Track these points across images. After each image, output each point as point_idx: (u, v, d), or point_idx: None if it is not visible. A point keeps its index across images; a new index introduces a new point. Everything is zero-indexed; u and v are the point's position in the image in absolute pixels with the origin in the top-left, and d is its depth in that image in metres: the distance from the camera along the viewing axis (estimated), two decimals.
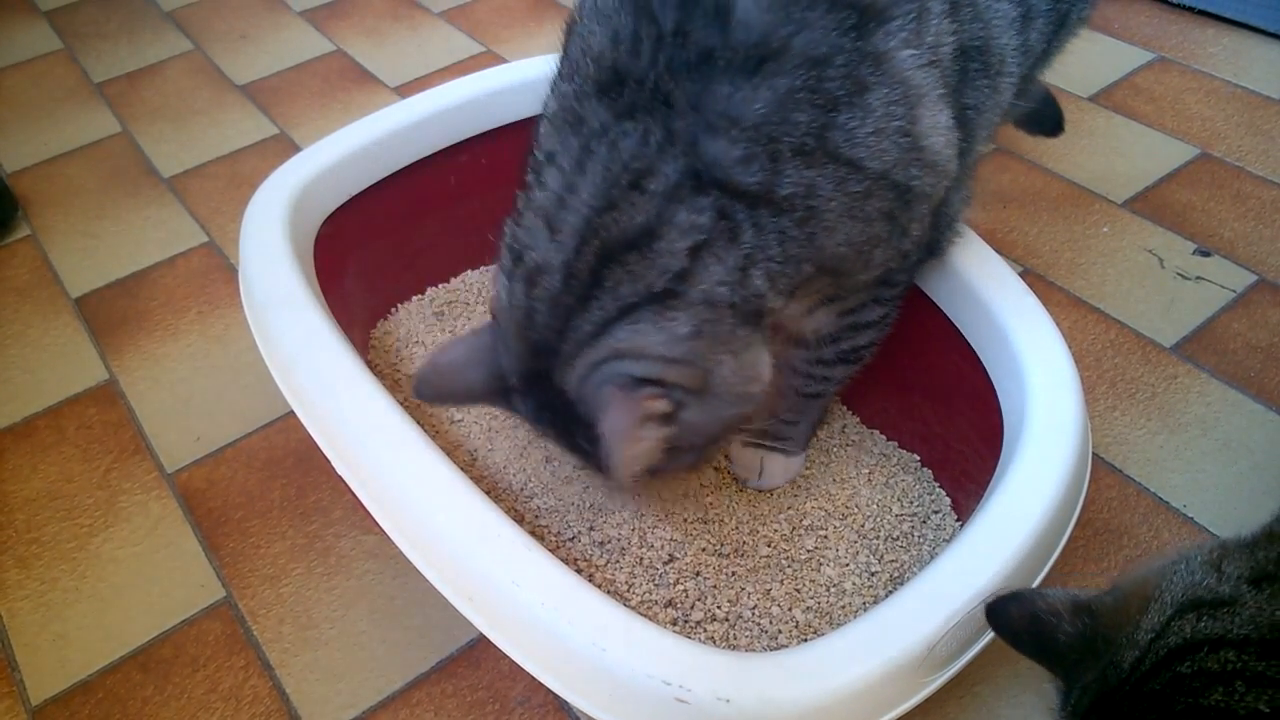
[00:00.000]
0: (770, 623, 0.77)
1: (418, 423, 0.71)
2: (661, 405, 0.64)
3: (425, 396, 0.75)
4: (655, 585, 0.78)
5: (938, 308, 0.85)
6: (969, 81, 0.72)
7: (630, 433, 0.63)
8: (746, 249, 0.63)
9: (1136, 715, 0.48)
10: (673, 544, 0.81)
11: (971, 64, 0.72)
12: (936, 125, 0.68)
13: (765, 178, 0.62)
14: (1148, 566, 0.55)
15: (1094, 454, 0.95)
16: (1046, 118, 1.23)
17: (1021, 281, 0.80)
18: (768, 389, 0.71)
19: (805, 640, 0.74)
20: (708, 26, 0.61)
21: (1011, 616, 0.55)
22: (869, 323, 0.79)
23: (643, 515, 0.82)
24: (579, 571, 0.72)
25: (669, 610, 0.77)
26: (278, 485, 0.99)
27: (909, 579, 0.72)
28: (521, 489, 0.85)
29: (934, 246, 0.78)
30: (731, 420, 0.70)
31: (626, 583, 0.78)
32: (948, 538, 0.84)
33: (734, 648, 0.75)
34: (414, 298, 1.09)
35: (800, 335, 0.81)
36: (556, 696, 0.81)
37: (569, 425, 0.68)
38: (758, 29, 0.61)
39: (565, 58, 0.69)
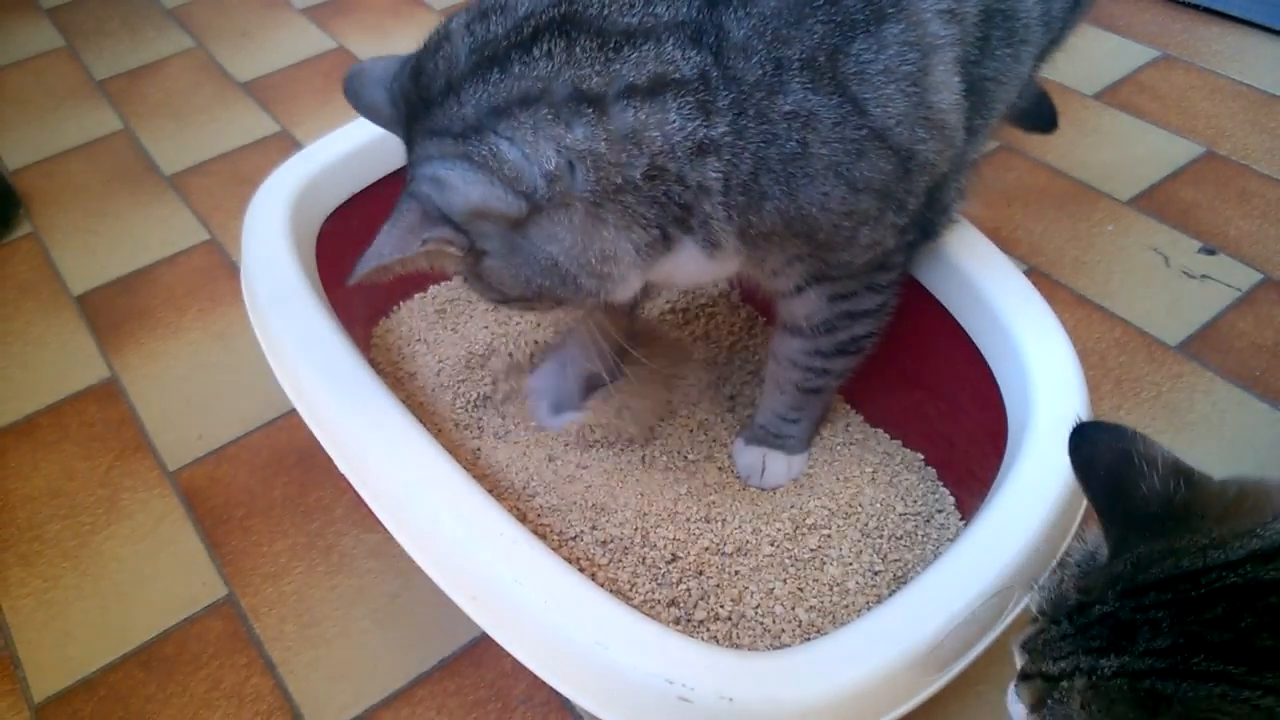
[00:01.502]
0: (773, 622, 0.76)
1: (420, 421, 0.71)
2: (449, 249, 0.61)
3: (348, 96, 0.70)
4: (658, 584, 0.78)
5: (942, 306, 0.84)
6: (990, 49, 0.69)
7: (395, 261, 0.60)
8: (714, 132, 0.60)
9: (1217, 615, 0.41)
10: (675, 543, 0.81)
11: (995, 30, 0.69)
12: (948, 84, 0.65)
13: (763, 79, 0.59)
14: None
15: None
16: (1041, 114, 1.23)
17: (1026, 279, 0.80)
18: (609, 297, 0.66)
19: (808, 639, 0.74)
20: None
21: (1097, 445, 0.49)
22: (866, 311, 0.78)
23: (645, 514, 0.82)
24: (581, 571, 0.72)
25: (672, 609, 0.77)
26: (279, 483, 0.99)
27: (912, 578, 0.72)
28: (524, 488, 0.85)
29: (929, 229, 0.77)
30: (542, 290, 0.65)
31: (629, 582, 0.78)
32: (951, 537, 0.84)
33: (737, 647, 0.75)
34: (415, 295, 1.08)
35: (794, 322, 0.80)
36: (559, 695, 0.81)
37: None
38: None
39: None
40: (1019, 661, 0.48)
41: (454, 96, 0.61)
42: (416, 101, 0.64)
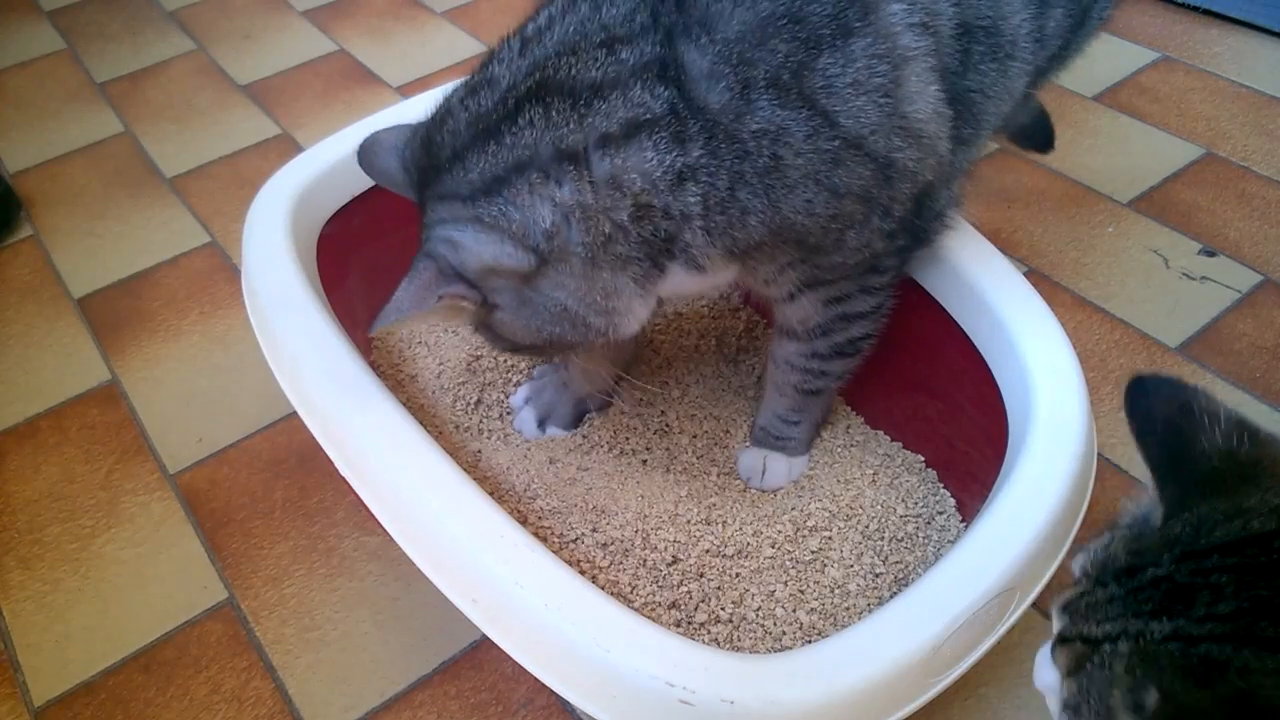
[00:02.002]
0: (774, 624, 0.76)
1: (421, 424, 0.71)
2: (464, 305, 0.65)
3: (361, 164, 0.75)
4: (659, 587, 0.78)
5: (942, 308, 0.84)
6: (972, 63, 0.70)
7: (410, 310, 0.63)
8: (689, 158, 0.61)
9: None
10: (676, 545, 0.81)
11: (976, 45, 0.70)
12: (923, 94, 0.66)
13: (731, 102, 0.61)
14: None
15: (1099, 454, 0.95)
16: (1038, 133, 1.23)
17: (1026, 281, 0.80)
18: (618, 335, 0.69)
19: (809, 642, 0.74)
20: None
21: (1155, 398, 0.47)
22: (861, 313, 0.78)
23: (646, 517, 0.82)
24: (582, 573, 0.72)
25: (672, 612, 0.77)
26: (280, 486, 0.99)
27: (913, 580, 0.72)
28: (524, 490, 0.85)
29: (922, 235, 0.77)
30: (554, 336, 0.68)
31: (630, 584, 0.78)
32: (952, 539, 0.84)
33: (738, 649, 0.75)
34: None
35: (790, 326, 0.80)
36: (560, 698, 0.81)
37: None
38: None
39: None
40: (1057, 624, 0.44)
41: (460, 164, 0.64)
42: (427, 168, 0.67)
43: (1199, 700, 0.36)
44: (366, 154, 0.74)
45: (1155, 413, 0.46)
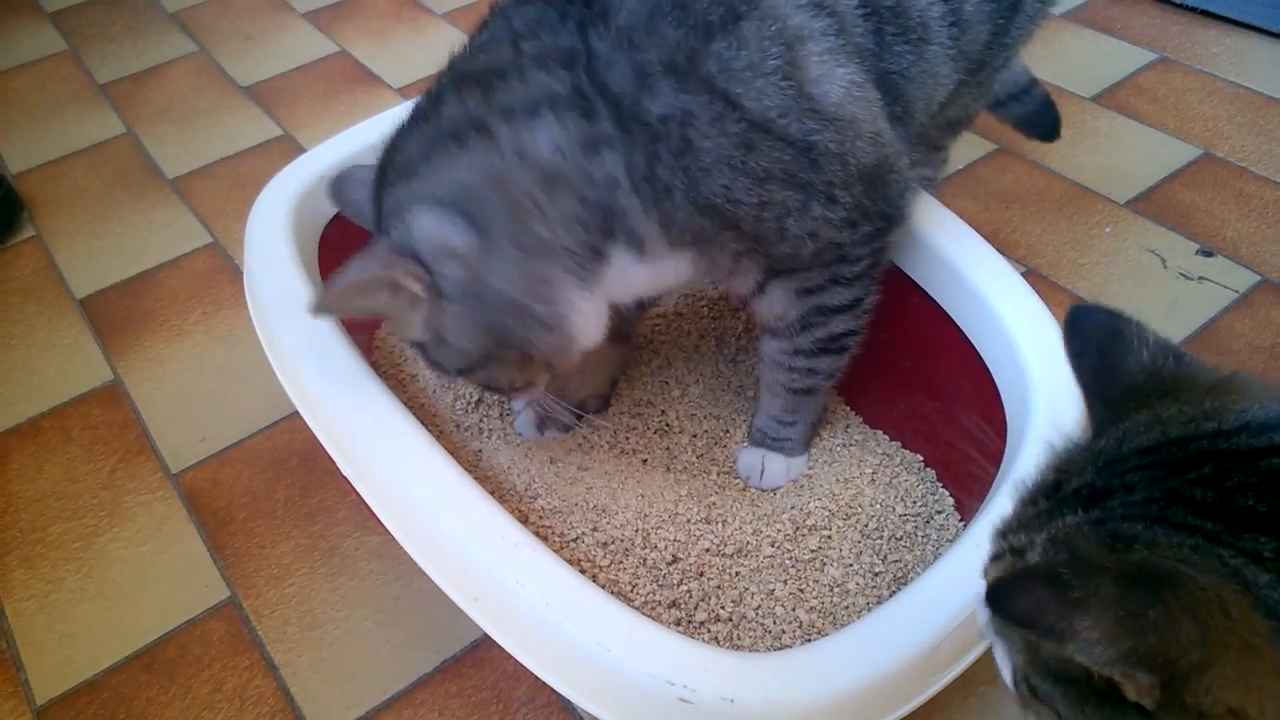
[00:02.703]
0: (774, 623, 0.77)
1: (422, 423, 0.71)
2: (415, 286, 0.66)
3: (331, 196, 0.78)
4: (659, 586, 0.78)
5: (940, 308, 0.85)
6: (887, 45, 0.72)
7: (362, 286, 0.66)
8: (598, 129, 0.64)
9: (1202, 475, 0.39)
10: (676, 545, 0.81)
11: (886, 26, 0.71)
12: (830, 75, 0.67)
13: (628, 86, 0.64)
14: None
15: None
16: (1044, 121, 1.23)
17: (1024, 282, 0.80)
18: (571, 335, 0.71)
19: (809, 640, 0.75)
20: None
21: (1089, 326, 0.49)
22: (838, 307, 0.79)
23: (646, 516, 0.83)
24: (583, 572, 0.72)
25: (673, 611, 0.77)
26: (282, 486, 0.99)
27: (913, 579, 0.73)
28: (525, 490, 0.85)
29: (891, 217, 0.76)
30: (503, 333, 0.70)
31: (630, 583, 0.78)
32: (951, 538, 0.84)
33: (738, 648, 0.75)
34: None
35: (767, 323, 0.81)
36: (560, 697, 0.81)
37: None
38: None
39: None
40: (989, 549, 0.45)
41: (400, 154, 0.69)
42: (379, 183, 0.71)
43: (1104, 560, 0.37)
44: (338, 186, 0.77)
45: (1090, 338, 0.48)
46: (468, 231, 0.66)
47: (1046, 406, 0.71)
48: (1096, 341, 0.48)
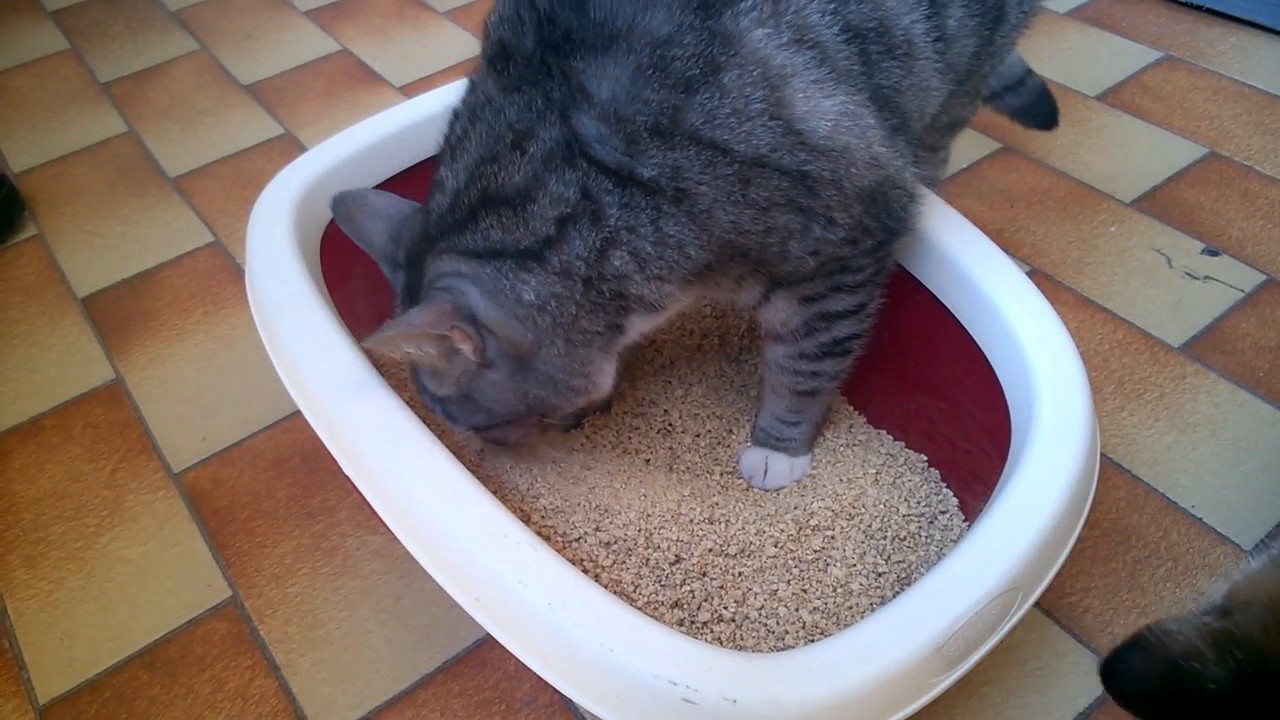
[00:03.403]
0: (777, 623, 0.76)
1: (424, 423, 0.71)
2: (466, 346, 0.69)
3: (335, 211, 0.79)
4: (661, 586, 0.78)
5: (945, 307, 0.84)
6: (875, 64, 0.71)
7: (419, 335, 0.68)
8: (609, 229, 0.66)
9: None
10: (679, 544, 0.81)
11: (871, 46, 0.71)
12: (817, 110, 0.67)
13: (623, 158, 0.65)
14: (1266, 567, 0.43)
15: (1102, 454, 0.95)
16: (1041, 111, 1.23)
17: (1029, 281, 0.80)
18: (595, 395, 0.75)
19: (812, 641, 0.74)
20: (569, 7, 0.65)
21: (1138, 673, 0.44)
22: (842, 312, 0.79)
23: (649, 516, 0.82)
24: (585, 572, 0.72)
25: (675, 611, 0.77)
26: (284, 485, 0.99)
27: (916, 580, 0.72)
28: (528, 489, 0.85)
29: (893, 229, 0.77)
30: (538, 401, 0.73)
31: (633, 583, 0.78)
32: (955, 538, 0.84)
33: (741, 648, 0.75)
34: None
35: (772, 329, 0.81)
36: (563, 697, 0.81)
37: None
38: (607, 7, 0.64)
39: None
40: None
41: (464, 251, 0.70)
42: (423, 236, 0.72)
43: None
44: (349, 210, 0.78)
45: (1148, 685, 0.44)
46: (526, 333, 0.69)
47: (1051, 406, 0.71)
48: (1156, 690, 0.44)
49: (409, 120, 0.98)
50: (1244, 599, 0.42)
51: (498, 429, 0.77)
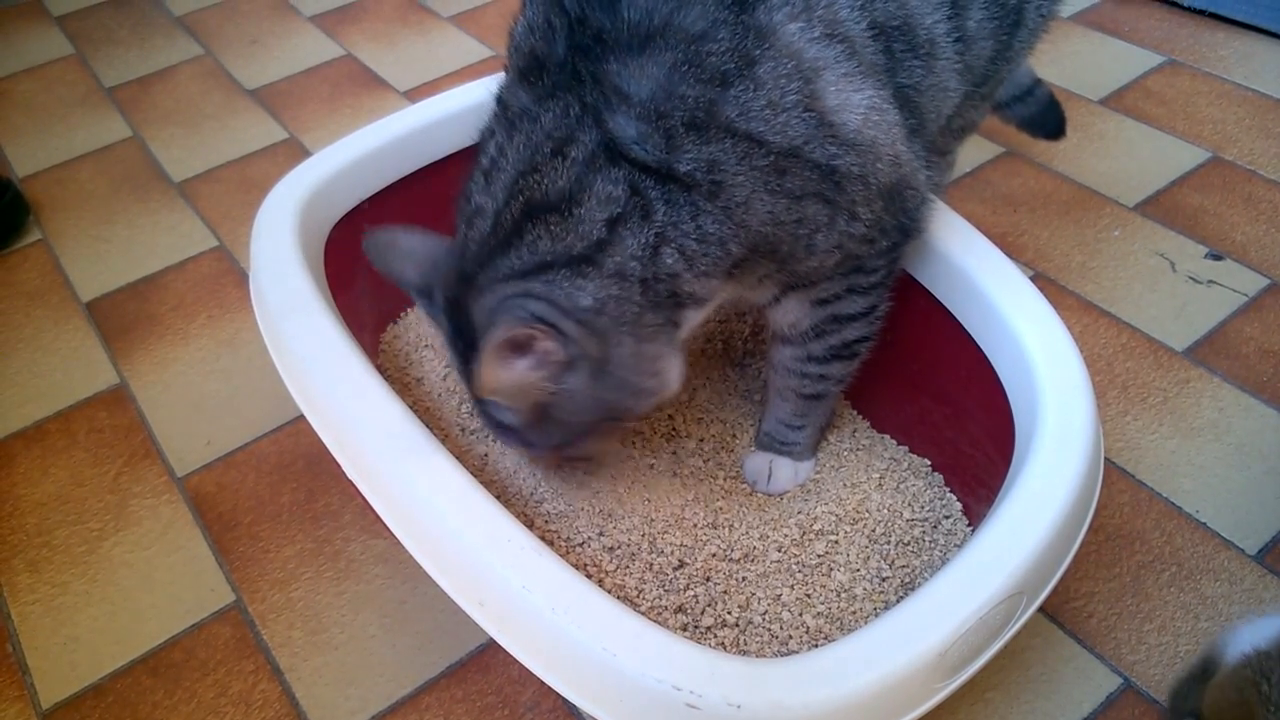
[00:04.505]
0: (781, 628, 0.76)
1: (427, 426, 0.71)
2: (549, 345, 0.67)
3: (368, 252, 0.78)
4: (665, 591, 0.78)
5: (948, 311, 0.84)
6: (899, 61, 0.72)
7: (505, 353, 0.66)
8: (658, 226, 0.66)
9: None
10: (683, 549, 0.81)
11: (895, 43, 0.72)
12: (848, 104, 0.68)
13: (662, 154, 0.65)
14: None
15: (1106, 459, 0.95)
16: (1048, 121, 1.23)
17: (1032, 285, 0.80)
18: (667, 392, 0.74)
19: (816, 646, 0.74)
20: (601, 8, 0.65)
21: None
22: (852, 315, 0.79)
23: (652, 521, 0.82)
24: (589, 577, 0.72)
25: (679, 616, 0.77)
26: (288, 489, 0.99)
27: (920, 584, 0.72)
28: (531, 494, 0.85)
29: (908, 230, 0.78)
30: (615, 405, 0.73)
31: (636, 588, 0.78)
32: (959, 543, 0.84)
33: (744, 653, 0.75)
34: None
35: (782, 330, 0.82)
36: (566, 702, 0.81)
37: (470, 351, 0.71)
38: (641, 7, 0.64)
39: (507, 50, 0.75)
40: None
41: (495, 265, 0.69)
42: (460, 276, 0.71)
43: None
44: (381, 253, 0.77)
45: None
46: (590, 338, 0.68)
47: (1055, 410, 0.71)
48: None
49: (413, 125, 0.98)
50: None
51: (577, 444, 0.77)
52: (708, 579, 0.79)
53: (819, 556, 0.82)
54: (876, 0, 0.70)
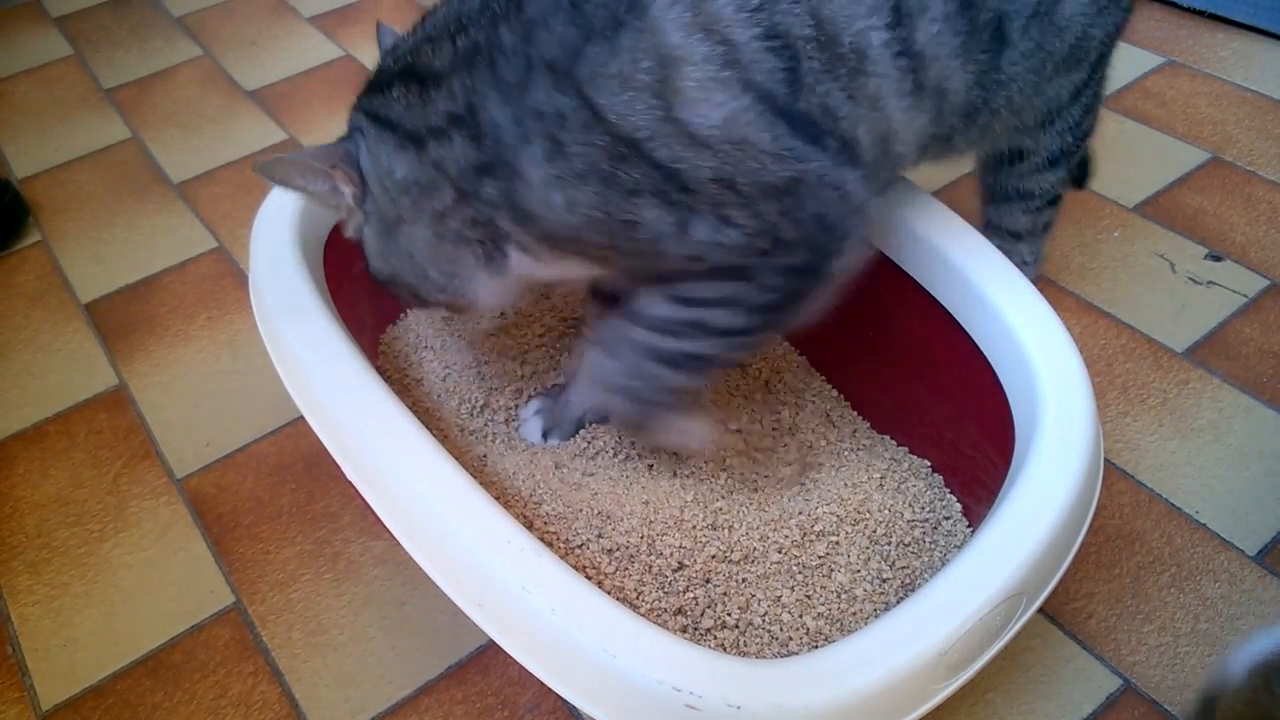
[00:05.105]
0: (781, 629, 0.76)
1: (427, 428, 0.71)
2: (348, 190, 0.74)
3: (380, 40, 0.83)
4: (664, 592, 0.78)
5: (948, 313, 0.84)
6: (805, 76, 0.64)
7: (307, 167, 0.73)
8: (488, 155, 0.67)
9: None
10: (682, 551, 0.81)
11: (806, 58, 0.64)
12: (710, 100, 0.62)
13: (519, 77, 0.65)
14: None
15: (1106, 460, 0.95)
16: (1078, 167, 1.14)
17: (1032, 286, 0.80)
18: (468, 305, 0.78)
19: (816, 647, 0.74)
20: None
21: None
22: (722, 329, 0.72)
23: (651, 522, 0.82)
24: (588, 579, 0.72)
25: (679, 618, 0.77)
26: (287, 491, 0.99)
27: (921, 585, 0.72)
28: (530, 495, 0.85)
29: (823, 249, 0.69)
30: (403, 276, 0.77)
31: (635, 590, 0.78)
32: (959, 544, 0.84)
33: (744, 655, 0.75)
34: None
35: (626, 300, 0.77)
36: (565, 703, 0.81)
37: None
38: None
39: None
40: None
41: (379, 93, 0.73)
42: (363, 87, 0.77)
43: None
44: (385, 36, 0.82)
45: None
46: (389, 205, 0.73)
47: (1055, 411, 0.71)
48: None
49: None
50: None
51: (387, 284, 0.79)
52: (707, 580, 0.79)
53: (819, 558, 0.82)
54: (779, 4, 0.63)
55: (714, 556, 0.81)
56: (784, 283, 0.70)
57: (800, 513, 0.85)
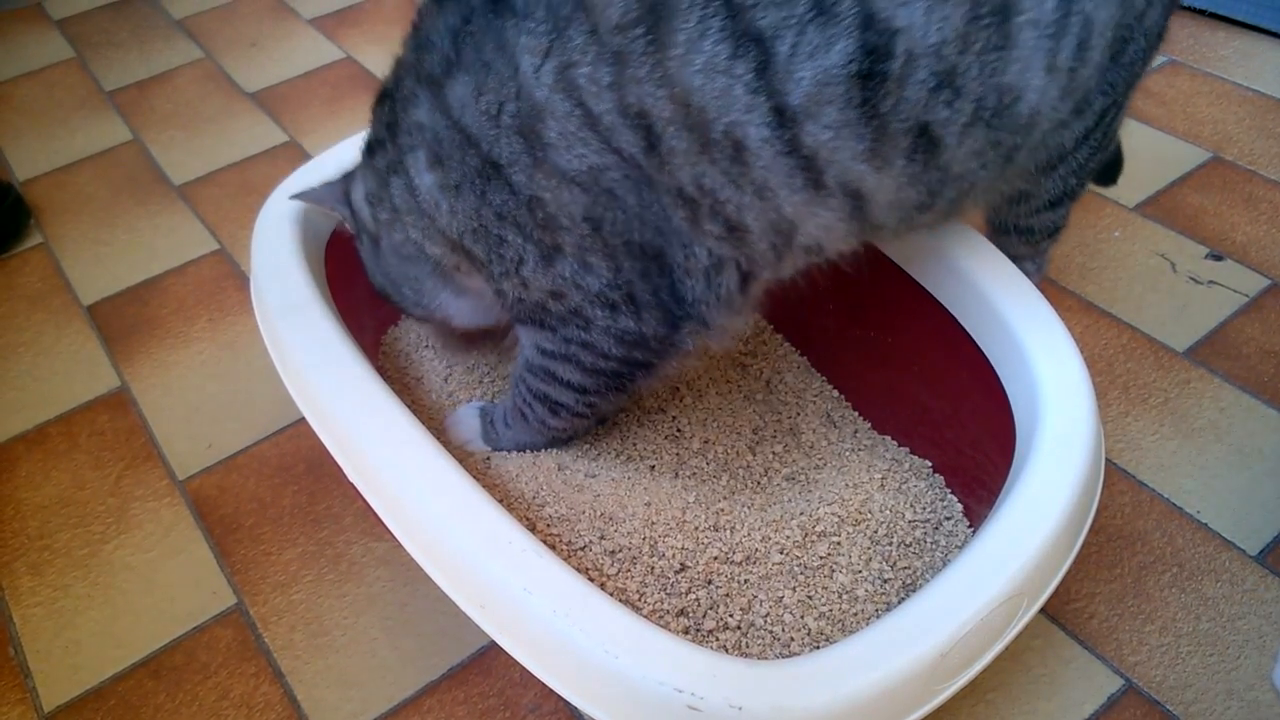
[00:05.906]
0: (782, 630, 0.76)
1: (429, 429, 0.71)
2: (346, 224, 0.83)
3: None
4: (667, 594, 0.78)
5: (949, 313, 0.84)
6: (668, 155, 0.62)
7: (317, 198, 0.85)
8: (394, 155, 0.73)
9: None
10: (684, 552, 0.81)
11: (670, 138, 0.61)
12: (573, 151, 0.63)
13: (412, 91, 0.70)
14: None
15: (1107, 460, 0.95)
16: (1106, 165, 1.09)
17: (1033, 286, 0.80)
18: (444, 317, 0.83)
19: (817, 648, 0.74)
20: None
21: None
22: (564, 381, 0.79)
23: (653, 524, 0.82)
24: (590, 581, 0.72)
25: (681, 619, 0.77)
26: (289, 492, 0.99)
27: (922, 586, 0.72)
28: (533, 497, 0.85)
29: (674, 322, 0.70)
30: (389, 289, 0.83)
31: (638, 592, 0.78)
32: (960, 544, 0.84)
33: (746, 656, 0.75)
34: None
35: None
36: (567, 704, 0.81)
37: None
38: None
39: None
40: None
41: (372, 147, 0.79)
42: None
43: None
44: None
45: None
46: (367, 221, 0.79)
47: (1055, 412, 0.71)
48: None
49: None
50: None
51: (381, 295, 0.85)
52: (709, 582, 0.79)
53: (821, 558, 0.82)
54: (637, 86, 0.60)
55: (716, 558, 0.81)
56: (620, 354, 0.74)
57: (802, 513, 0.85)
